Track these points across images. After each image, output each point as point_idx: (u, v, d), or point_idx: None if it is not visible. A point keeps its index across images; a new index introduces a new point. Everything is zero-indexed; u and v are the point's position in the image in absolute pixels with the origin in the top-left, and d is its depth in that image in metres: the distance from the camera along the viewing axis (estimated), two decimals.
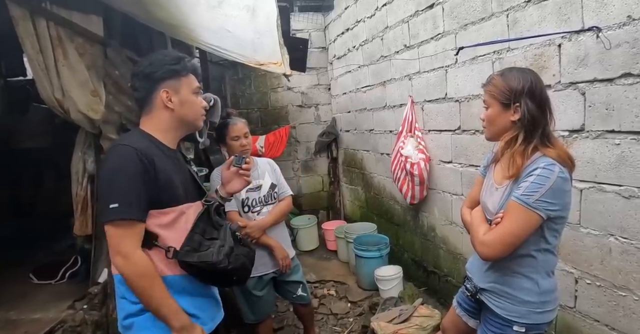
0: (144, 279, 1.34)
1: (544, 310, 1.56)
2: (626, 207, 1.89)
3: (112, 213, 1.30)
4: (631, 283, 1.90)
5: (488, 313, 1.67)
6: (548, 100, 1.52)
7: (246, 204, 2.48)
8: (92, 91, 2.33)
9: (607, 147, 1.94)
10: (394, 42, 3.82)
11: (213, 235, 1.50)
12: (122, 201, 1.30)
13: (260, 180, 2.55)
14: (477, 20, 2.68)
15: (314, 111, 5.99)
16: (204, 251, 1.44)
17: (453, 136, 3.10)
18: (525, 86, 1.48)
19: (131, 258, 1.32)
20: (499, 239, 1.47)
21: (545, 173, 1.41)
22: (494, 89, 1.55)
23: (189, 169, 1.62)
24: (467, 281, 1.82)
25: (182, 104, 1.48)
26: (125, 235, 1.32)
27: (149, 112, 1.49)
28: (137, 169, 1.34)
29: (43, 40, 2.18)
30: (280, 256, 2.49)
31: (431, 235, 3.58)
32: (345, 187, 5.80)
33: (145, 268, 1.34)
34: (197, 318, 1.49)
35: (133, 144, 1.38)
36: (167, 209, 1.43)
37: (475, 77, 2.76)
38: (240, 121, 2.51)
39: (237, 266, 1.50)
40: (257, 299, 2.52)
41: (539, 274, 1.55)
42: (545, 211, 1.41)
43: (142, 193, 1.34)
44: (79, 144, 2.53)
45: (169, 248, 1.41)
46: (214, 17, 2.37)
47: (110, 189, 1.34)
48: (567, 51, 2.09)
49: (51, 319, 2.29)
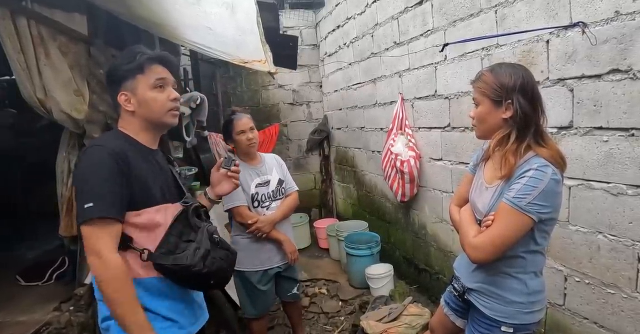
0: (114, 282, 1.27)
1: (532, 310, 1.54)
2: (615, 205, 1.88)
3: (87, 213, 1.26)
4: (620, 281, 1.90)
5: (476, 313, 1.65)
6: (540, 97, 1.48)
7: (256, 200, 2.51)
8: (75, 90, 2.30)
9: (596, 144, 1.93)
10: (384, 39, 3.79)
11: (190, 237, 1.45)
12: (96, 200, 1.26)
13: (268, 176, 2.58)
14: (466, 16, 2.66)
15: (306, 109, 5.97)
16: (179, 254, 1.39)
17: (443, 134, 3.08)
18: (517, 82, 1.43)
19: (105, 258, 1.26)
20: (489, 242, 1.44)
21: (538, 175, 1.37)
22: (485, 86, 1.49)
23: (171, 169, 1.58)
24: (455, 281, 1.80)
25: (140, 105, 1.43)
26: (101, 235, 1.27)
27: (120, 115, 1.48)
28: (112, 169, 1.30)
29: (24, 39, 2.14)
30: (290, 250, 2.55)
31: (422, 233, 3.57)
32: (337, 185, 5.79)
33: (117, 272, 1.27)
34: (174, 322, 1.44)
35: (108, 145, 1.35)
36: (142, 210, 1.38)
37: (464, 74, 2.74)
38: (245, 116, 2.55)
39: (213, 270, 1.43)
40: (261, 294, 2.54)
41: (527, 275, 1.53)
42: (538, 214, 1.38)
43: (118, 193, 1.30)
44: (63, 144, 2.49)
45: (144, 250, 1.37)
46: (195, 14, 2.35)
47: (84, 189, 1.30)
48: (555, 47, 2.07)
49: (37, 322, 2.27)
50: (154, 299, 1.39)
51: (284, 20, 5.48)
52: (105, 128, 2.46)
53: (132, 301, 1.30)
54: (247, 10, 2.22)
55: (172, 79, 1.50)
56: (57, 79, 2.24)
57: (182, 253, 1.39)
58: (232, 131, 2.50)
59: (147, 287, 1.38)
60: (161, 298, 1.42)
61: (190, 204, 1.51)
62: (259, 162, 2.61)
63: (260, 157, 2.64)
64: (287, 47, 4.47)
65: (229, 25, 2.31)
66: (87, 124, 2.37)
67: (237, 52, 2.43)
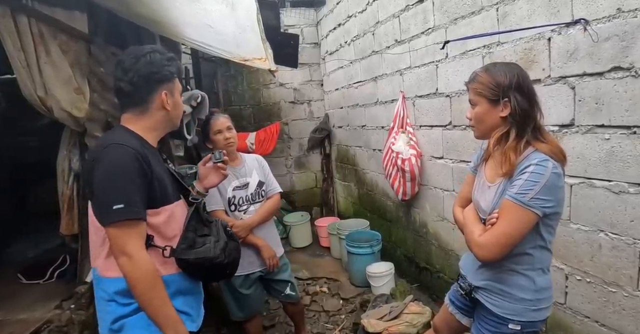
0: (147, 280, 1.33)
1: (540, 307, 1.54)
2: (616, 203, 1.87)
3: (118, 214, 1.29)
4: (621, 279, 1.89)
5: (483, 311, 1.64)
6: (535, 93, 1.49)
7: (233, 203, 2.45)
8: (75, 88, 2.29)
9: (597, 142, 1.93)
10: (385, 37, 3.78)
11: (204, 232, 1.54)
12: (127, 202, 1.30)
13: (247, 178, 2.50)
14: (467, 14, 2.65)
15: (307, 107, 5.96)
16: (199, 248, 1.48)
17: (444, 132, 3.07)
18: (512, 80, 1.44)
19: (136, 258, 1.31)
20: (495, 240, 1.44)
21: (539, 170, 1.38)
22: (480, 86, 1.50)
23: (167, 167, 1.61)
24: (460, 279, 1.79)
25: (174, 106, 1.52)
26: (131, 236, 1.32)
27: (143, 112, 1.48)
28: (136, 169, 1.34)
29: (24, 37, 2.13)
30: (267, 255, 2.47)
31: (423, 231, 3.57)
32: (338, 184, 5.78)
33: (150, 269, 1.34)
34: (188, 315, 1.51)
35: (129, 144, 1.36)
36: (160, 208, 1.44)
37: (465, 72, 2.73)
38: (222, 116, 2.51)
39: (230, 260, 1.56)
40: (245, 297, 2.50)
41: (534, 271, 1.52)
42: (541, 208, 1.38)
43: (142, 193, 1.35)
44: (63, 143, 2.48)
45: (166, 247, 1.43)
46: (195, 11, 2.34)
47: (111, 190, 1.32)
48: (556, 45, 2.06)
49: (37, 320, 2.26)
50: (171, 295, 1.44)
51: (284, 19, 5.48)
52: (105, 126, 2.45)
53: (164, 296, 1.37)
54: (247, 7, 2.21)
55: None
56: (58, 77, 2.23)
57: (201, 246, 1.48)
58: (209, 131, 2.45)
59: (167, 284, 1.42)
60: (177, 293, 1.47)
61: (200, 200, 1.59)
62: (239, 163, 2.53)
63: (240, 158, 2.56)
64: (287, 46, 4.47)
65: (229, 23, 2.30)
66: (88, 122, 2.37)
67: (237, 49, 2.41)
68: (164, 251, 1.42)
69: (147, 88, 1.45)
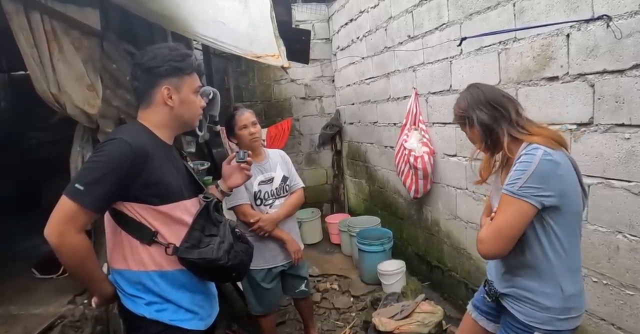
0: (71, 263, 1.35)
1: (568, 317, 1.46)
2: (635, 203, 1.83)
3: (75, 193, 1.28)
4: (639, 282, 1.85)
5: (508, 317, 1.58)
6: (498, 95, 1.53)
7: (258, 197, 2.48)
8: (88, 85, 2.29)
9: (617, 141, 1.88)
10: (398, 32, 3.74)
11: (212, 231, 1.51)
12: (88, 188, 1.28)
13: (272, 172, 2.54)
14: (482, 9, 2.60)
15: (318, 103, 5.93)
16: (203, 248, 1.44)
17: (457, 129, 3.03)
18: (468, 100, 1.55)
19: (67, 238, 1.28)
20: (492, 234, 1.42)
21: (526, 158, 1.37)
22: (456, 117, 1.64)
23: (184, 164, 1.61)
24: (487, 285, 1.72)
25: (181, 103, 1.47)
26: (74, 218, 1.29)
27: (147, 106, 1.48)
28: (121, 167, 1.31)
29: (37, 34, 2.14)
30: (293, 249, 2.51)
31: (435, 229, 3.54)
32: (349, 180, 5.76)
33: (75, 253, 1.32)
34: (196, 313, 1.50)
35: (133, 142, 1.35)
36: (163, 206, 1.41)
37: (480, 68, 2.68)
38: (247, 111, 2.52)
39: (236, 263, 1.50)
40: (266, 292, 2.53)
41: (561, 278, 1.46)
42: (535, 197, 1.34)
43: (111, 190, 1.32)
44: (77, 139, 2.49)
45: (169, 245, 1.42)
46: (206, 8, 2.32)
47: (87, 172, 1.33)
48: (576, 41, 2.01)
49: (51, 314, 2.28)
50: (177, 291, 1.45)
51: (296, 14, 5.44)
52: (118, 123, 2.46)
53: (94, 266, 1.41)
54: (260, 4, 2.19)
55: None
56: (70, 73, 2.23)
57: (206, 246, 1.45)
58: (234, 125, 2.47)
59: (170, 279, 1.44)
60: (183, 290, 1.47)
61: (211, 200, 1.55)
62: (263, 158, 2.57)
63: (264, 153, 2.60)
64: (299, 41, 4.43)
65: (242, 20, 2.28)
66: (101, 118, 2.37)
67: (249, 46, 2.40)
68: (167, 249, 1.41)
69: (147, 82, 1.44)
